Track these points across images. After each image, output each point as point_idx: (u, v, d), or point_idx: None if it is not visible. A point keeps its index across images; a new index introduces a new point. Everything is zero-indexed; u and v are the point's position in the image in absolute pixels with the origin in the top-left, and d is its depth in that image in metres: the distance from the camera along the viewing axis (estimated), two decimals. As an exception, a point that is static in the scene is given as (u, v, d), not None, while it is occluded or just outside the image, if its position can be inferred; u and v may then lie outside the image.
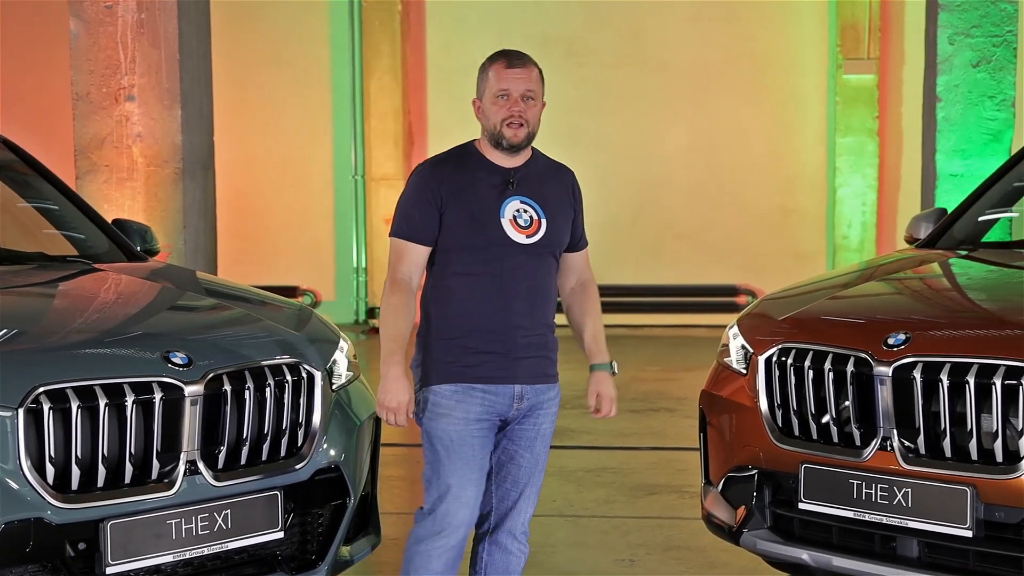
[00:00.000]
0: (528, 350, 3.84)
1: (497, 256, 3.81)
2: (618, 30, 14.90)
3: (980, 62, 7.42)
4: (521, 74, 3.83)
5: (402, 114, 15.17)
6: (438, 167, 3.90)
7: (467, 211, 3.81)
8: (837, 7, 14.45)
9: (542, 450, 3.96)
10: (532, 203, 3.86)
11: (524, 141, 3.84)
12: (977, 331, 4.09)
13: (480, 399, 3.82)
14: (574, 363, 12.40)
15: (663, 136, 14.84)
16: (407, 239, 3.87)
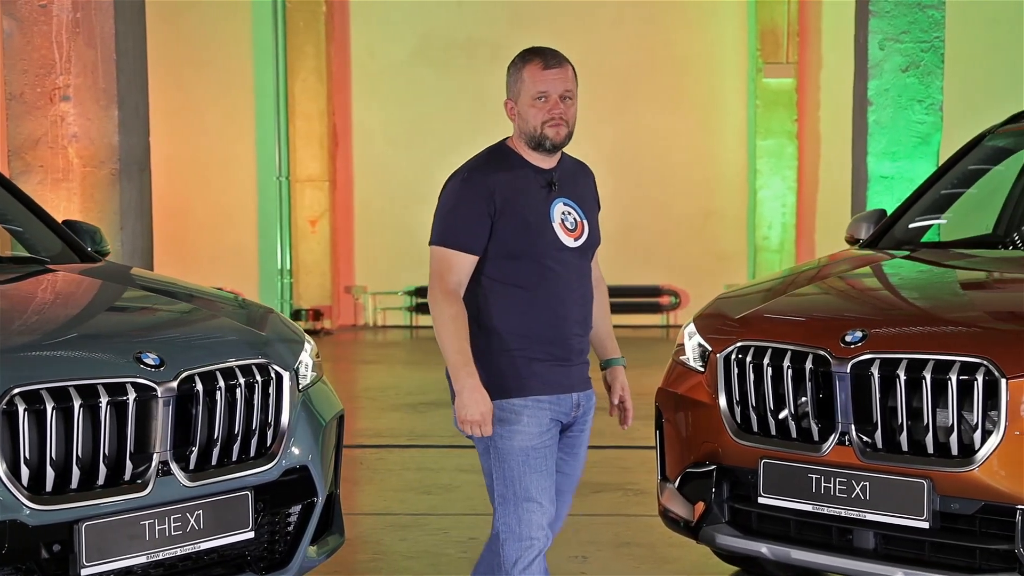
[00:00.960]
0: (580, 356, 3.79)
1: (553, 261, 3.69)
2: (541, 33, 14.91)
3: (909, 67, 7.62)
4: (558, 75, 3.68)
5: (327, 115, 15.15)
6: (489, 173, 3.68)
7: (522, 217, 3.67)
8: (757, 12, 14.69)
9: (583, 454, 3.93)
10: (573, 205, 3.78)
11: (565, 140, 3.71)
12: (931, 328, 4.22)
13: (548, 410, 3.70)
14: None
15: (586, 139, 14.87)
16: (456, 248, 3.66)
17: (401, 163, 15.18)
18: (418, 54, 15.17)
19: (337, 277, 15.35)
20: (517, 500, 3.73)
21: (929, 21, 7.62)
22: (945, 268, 5.09)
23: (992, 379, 3.90)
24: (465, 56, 15.15)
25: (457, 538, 5.80)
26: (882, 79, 7.64)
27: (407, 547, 5.67)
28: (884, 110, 7.62)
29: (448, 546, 5.69)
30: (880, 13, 7.61)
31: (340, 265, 15.39)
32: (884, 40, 7.63)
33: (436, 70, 15.14)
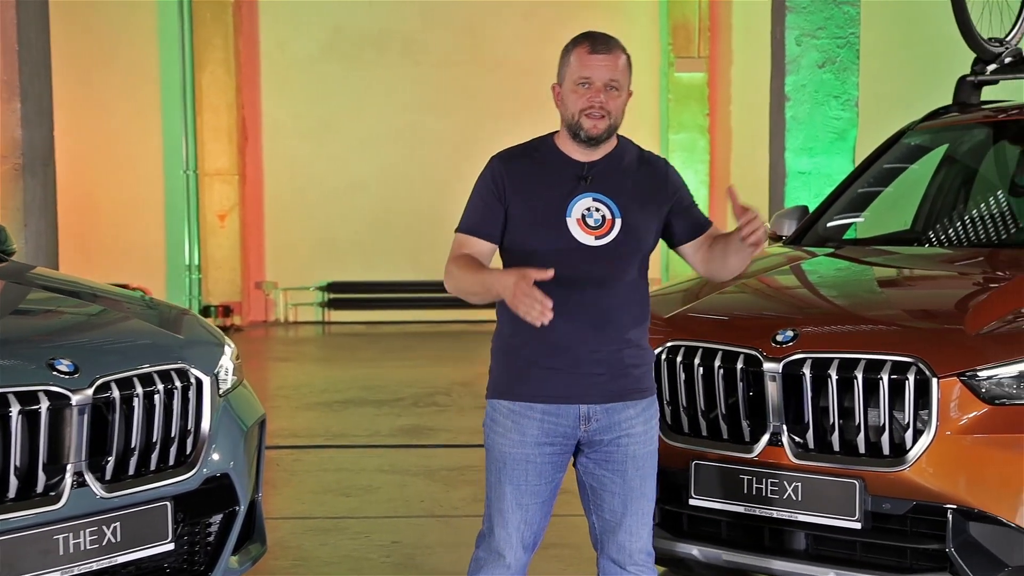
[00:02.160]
0: (599, 366, 3.43)
1: (562, 260, 3.37)
2: (454, 28, 14.90)
3: (825, 63, 7.64)
4: (605, 61, 3.41)
5: (236, 108, 14.88)
6: (506, 159, 3.51)
7: (530, 208, 3.44)
8: (668, 7, 14.72)
9: (636, 475, 3.51)
10: (607, 200, 3.44)
11: (604, 134, 3.43)
12: (862, 327, 4.20)
13: (539, 421, 3.44)
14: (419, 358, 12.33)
15: (500, 134, 14.75)
16: (467, 232, 3.49)
17: (312, 157, 14.97)
18: (329, 48, 14.97)
19: (247, 272, 15.11)
20: (491, 507, 3.58)
21: (845, 17, 7.65)
22: (872, 266, 5.09)
23: (923, 378, 3.89)
24: (376, 50, 14.99)
25: (379, 542, 5.69)
26: (799, 75, 7.65)
27: (328, 552, 5.55)
28: (801, 106, 7.64)
29: (370, 550, 5.58)
30: (797, 9, 7.62)
31: (250, 260, 15.15)
32: (801, 36, 7.64)
33: (347, 64, 14.96)
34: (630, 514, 3.55)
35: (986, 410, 3.86)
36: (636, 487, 3.54)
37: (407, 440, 7.97)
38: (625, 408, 3.50)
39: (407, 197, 14.86)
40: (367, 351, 12.67)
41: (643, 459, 3.54)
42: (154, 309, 4.45)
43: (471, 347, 12.72)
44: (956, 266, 4.96)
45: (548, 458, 3.50)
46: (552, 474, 3.53)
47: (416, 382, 10.25)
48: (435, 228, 15.18)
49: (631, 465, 3.52)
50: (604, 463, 3.53)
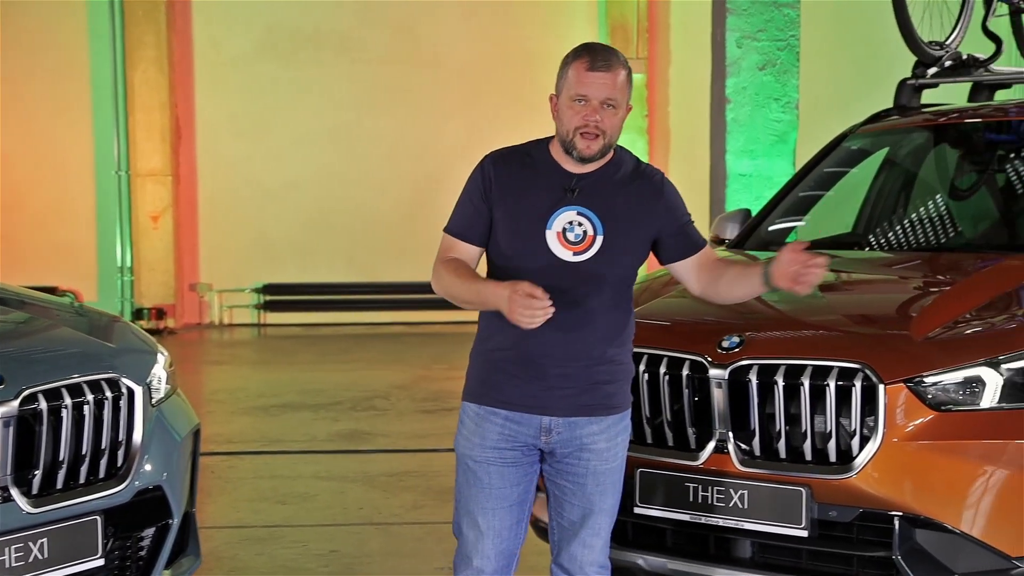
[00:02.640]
0: (564, 380, 3.37)
1: (537, 272, 3.29)
2: (391, 26, 14.78)
3: (766, 65, 7.63)
4: (604, 79, 3.30)
5: (169, 107, 14.67)
6: (498, 161, 3.43)
7: (512, 216, 3.37)
8: (607, 8, 14.71)
9: (595, 489, 3.46)
10: (592, 215, 3.35)
11: (597, 154, 3.35)
12: (808, 333, 4.16)
13: (500, 427, 3.41)
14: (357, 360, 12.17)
15: (437, 133, 14.80)
16: (451, 234, 3.45)
17: (247, 157, 14.79)
18: (264, 46, 14.79)
19: (181, 274, 14.88)
20: (458, 510, 3.54)
21: (785, 20, 7.65)
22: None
23: (870, 384, 3.85)
24: (312, 49, 14.83)
25: (317, 551, 5.58)
26: (740, 77, 7.63)
27: (264, 562, 5.43)
28: (742, 108, 7.62)
29: (308, 560, 5.46)
30: (737, 11, 7.60)
31: (184, 262, 14.93)
32: (741, 38, 7.62)
33: (282, 63, 14.79)
34: (586, 527, 3.51)
35: (932, 416, 3.83)
36: (595, 501, 3.49)
37: (345, 445, 7.86)
38: (588, 423, 3.44)
39: (344, 197, 14.73)
40: (304, 354, 12.52)
41: (604, 475, 3.48)
42: (84, 316, 4.31)
43: (409, 350, 12.62)
44: (899, 270, 4.95)
45: (509, 463, 3.46)
46: (517, 479, 3.48)
47: (354, 386, 10.13)
48: (372, 228, 15.10)
49: (591, 480, 3.47)
50: (565, 474, 3.49)
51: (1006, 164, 5.47)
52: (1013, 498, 3.80)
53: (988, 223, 5.39)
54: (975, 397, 3.84)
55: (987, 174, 5.51)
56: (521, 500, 3.52)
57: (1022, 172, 5.40)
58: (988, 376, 3.84)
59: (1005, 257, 4.75)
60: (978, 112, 5.82)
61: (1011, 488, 3.79)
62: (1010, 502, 3.80)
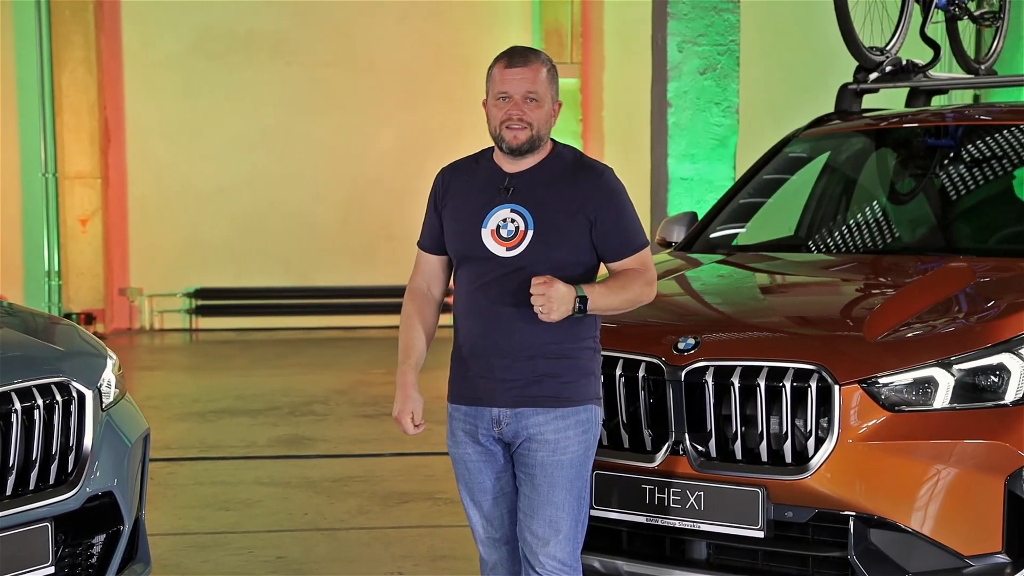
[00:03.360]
0: (509, 372, 3.49)
1: (478, 269, 3.52)
2: (326, 29, 14.68)
3: (707, 70, 7.67)
4: (523, 74, 3.46)
5: (98, 109, 14.44)
6: (447, 171, 3.68)
7: (455, 220, 3.58)
8: (541, 12, 14.71)
9: (544, 481, 3.50)
10: (523, 211, 3.49)
11: (526, 144, 3.48)
12: (763, 334, 4.19)
13: (462, 422, 3.61)
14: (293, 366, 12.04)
15: (373, 137, 14.73)
16: (420, 247, 3.73)
17: (178, 159, 14.60)
18: (195, 47, 14.61)
19: (111, 278, 14.66)
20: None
21: (725, 24, 7.70)
22: (766, 273, 5.09)
23: (825, 385, 3.89)
24: (245, 51, 14.68)
25: (264, 557, 5.52)
26: (681, 81, 7.67)
27: (210, 569, 5.36)
28: (683, 112, 7.66)
29: (255, 567, 5.40)
30: (678, 16, 7.64)
31: (114, 266, 14.71)
32: (682, 43, 7.67)
33: (215, 64, 14.62)
34: (537, 519, 3.55)
35: (886, 417, 3.87)
36: (543, 493, 3.54)
37: (285, 451, 7.78)
38: (534, 414, 3.52)
39: (278, 201, 14.59)
40: (239, 359, 12.39)
41: (553, 467, 3.52)
42: (15, 316, 4.22)
43: (345, 355, 12.54)
44: (845, 273, 4.99)
45: (480, 456, 3.61)
46: (491, 471, 3.62)
47: (291, 391, 10.04)
48: (307, 232, 14.98)
49: (539, 471, 3.54)
50: (519, 465, 3.60)
51: (947, 168, 5.55)
52: (965, 497, 3.85)
53: (930, 226, 5.46)
54: (928, 398, 3.89)
55: (928, 178, 5.58)
56: (505, 491, 3.65)
57: (964, 176, 5.48)
58: (940, 377, 3.89)
59: (950, 259, 4.81)
60: (918, 117, 5.90)
61: (963, 487, 3.84)
62: (962, 501, 3.85)
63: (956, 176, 5.55)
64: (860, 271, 5.06)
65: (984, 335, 3.97)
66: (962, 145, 5.60)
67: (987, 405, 3.88)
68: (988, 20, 6.94)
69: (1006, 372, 3.89)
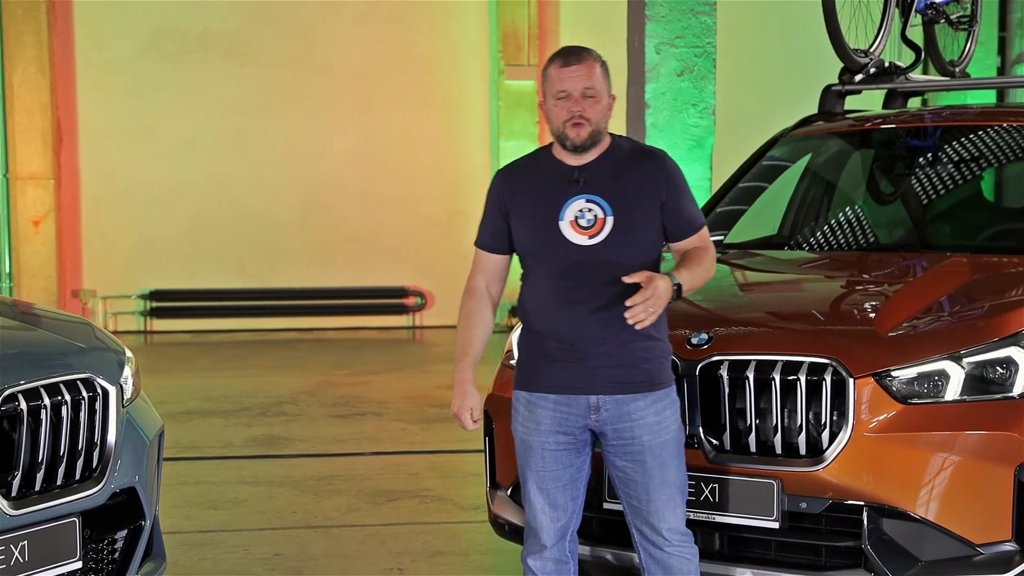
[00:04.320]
0: (606, 359, 3.60)
1: (560, 261, 3.62)
2: (283, 29, 14.62)
3: (684, 71, 7.75)
4: (579, 71, 3.61)
5: (50, 109, 14.27)
6: (506, 172, 3.80)
7: (528, 216, 3.68)
8: (498, 14, 14.75)
9: (654, 463, 3.64)
10: (600, 200, 3.62)
11: (588, 140, 3.62)
12: (775, 329, 4.26)
13: (551, 411, 3.66)
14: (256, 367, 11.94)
15: (330, 138, 14.68)
16: (479, 247, 3.82)
17: (133, 160, 14.46)
18: (149, 47, 14.49)
19: (64, 280, 14.49)
20: (522, 490, 3.78)
21: (702, 27, 7.78)
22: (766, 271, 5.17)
23: (839, 379, 3.96)
24: (201, 50, 14.58)
25: (260, 555, 5.51)
26: (658, 83, 7.74)
27: (209, 567, 5.35)
28: (661, 113, 7.73)
29: (253, 564, 5.39)
30: (656, 18, 7.70)
31: (67, 268, 14.54)
32: (660, 44, 7.73)
33: (169, 64, 14.50)
34: (655, 500, 3.67)
35: (899, 409, 3.96)
36: (656, 475, 3.66)
37: (264, 451, 7.76)
38: (634, 400, 3.63)
39: (234, 202, 14.51)
40: (199, 361, 12.31)
41: (660, 448, 3.65)
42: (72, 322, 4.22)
43: (306, 356, 12.50)
44: (849, 270, 5.08)
45: (562, 446, 3.67)
46: (570, 460, 3.70)
47: (258, 392, 9.99)
48: (263, 234, 14.89)
49: (649, 455, 3.65)
50: (623, 454, 3.67)
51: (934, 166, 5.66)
52: (976, 487, 3.94)
53: (926, 223, 5.58)
54: (939, 390, 3.98)
55: (917, 176, 5.69)
56: (574, 479, 3.73)
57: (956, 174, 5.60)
58: (951, 370, 3.98)
59: (947, 256, 4.92)
60: (901, 118, 6.02)
61: (973, 478, 3.94)
62: (973, 491, 3.94)
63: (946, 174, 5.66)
64: (860, 268, 5.13)
65: (991, 329, 4.06)
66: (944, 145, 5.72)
67: (995, 397, 3.97)
68: (963, 24, 7.09)
69: (1013, 365, 3.99)
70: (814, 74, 7.97)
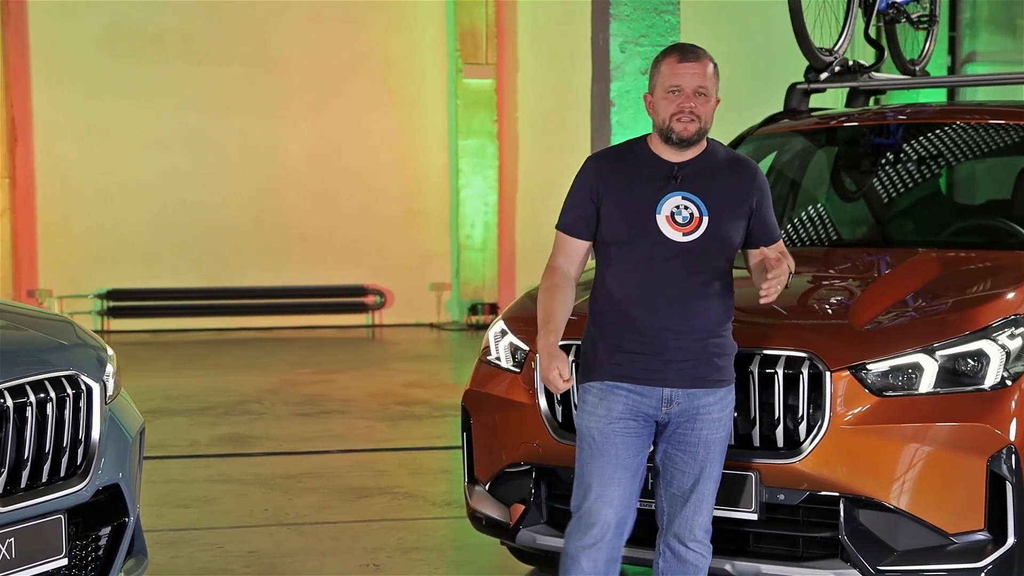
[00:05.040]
0: (682, 353, 3.66)
1: (650, 253, 3.66)
2: (237, 28, 14.56)
3: (648, 70, 7.79)
4: (694, 68, 3.66)
5: (4, 107, 14.14)
6: (600, 160, 3.81)
7: (622, 205, 3.69)
8: (456, 13, 14.77)
9: (706, 456, 3.73)
10: (696, 199, 3.67)
11: (695, 136, 3.67)
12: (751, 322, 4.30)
13: (624, 398, 3.68)
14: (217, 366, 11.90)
15: (286, 137, 14.65)
16: (563, 231, 3.80)
17: (88, 159, 14.36)
18: (104, 45, 14.38)
19: (19, 280, 14.36)
20: (582, 484, 3.75)
21: (666, 26, 7.86)
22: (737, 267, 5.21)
23: (816, 372, 4.03)
24: (156, 49, 14.49)
25: (235, 552, 5.51)
26: (624, 81, 7.81)
27: (183, 564, 5.34)
28: (626, 111, 7.80)
29: (228, 561, 5.39)
30: (621, 17, 7.77)
31: (22, 267, 14.42)
32: (624, 43, 7.80)
33: (125, 62, 14.40)
34: (696, 492, 3.75)
35: (874, 402, 4.03)
36: (705, 468, 3.74)
37: (231, 449, 7.74)
38: (706, 395, 3.70)
39: (191, 201, 14.43)
40: (159, 360, 12.23)
41: (715, 443, 3.74)
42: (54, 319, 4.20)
43: (267, 355, 12.47)
44: (822, 265, 5.15)
45: (632, 434, 3.70)
46: (637, 448, 3.72)
47: (221, 391, 9.96)
48: (220, 233, 14.83)
49: (703, 448, 3.73)
50: (678, 444, 3.73)
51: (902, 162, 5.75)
52: (949, 478, 4.02)
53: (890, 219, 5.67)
54: (913, 383, 4.06)
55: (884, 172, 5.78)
56: (636, 471, 3.75)
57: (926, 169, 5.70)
58: (925, 363, 4.06)
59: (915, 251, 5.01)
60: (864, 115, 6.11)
61: (947, 468, 4.02)
62: (946, 482, 4.02)
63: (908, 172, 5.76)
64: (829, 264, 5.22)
65: (963, 323, 4.15)
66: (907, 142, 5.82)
67: (968, 389, 4.05)
68: (923, 23, 7.20)
69: (985, 358, 4.07)
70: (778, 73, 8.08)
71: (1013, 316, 4.16)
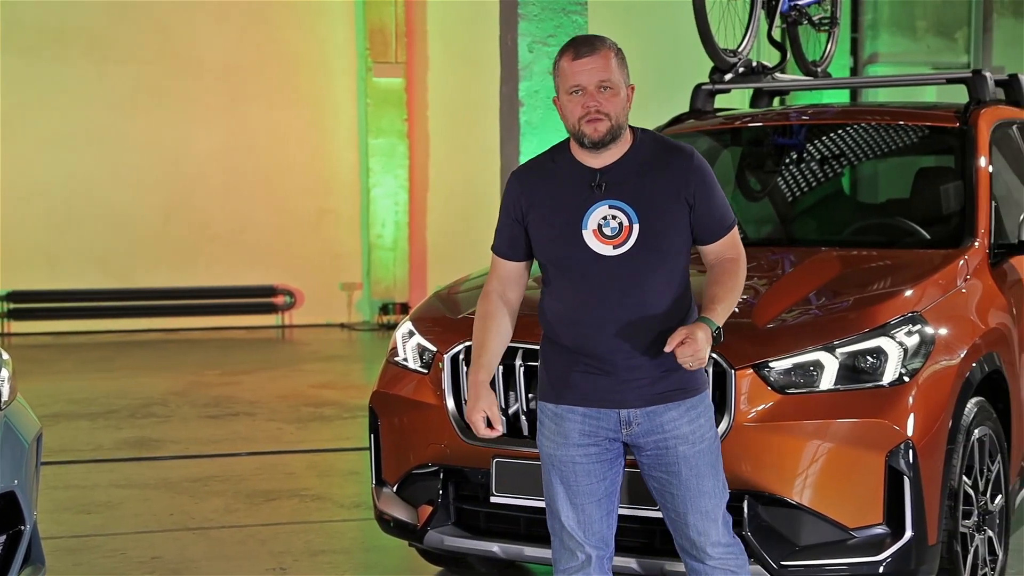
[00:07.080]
0: (637, 372, 3.41)
1: (584, 272, 3.39)
2: (143, 26, 14.36)
3: (555, 70, 7.82)
4: (592, 63, 3.34)
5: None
6: (522, 176, 3.52)
7: (547, 223, 3.44)
8: (365, 11, 14.71)
9: (690, 475, 3.46)
10: (623, 206, 3.38)
11: (607, 136, 3.36)
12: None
13: (580, 424, 3.46)
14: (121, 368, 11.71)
15: (194, 136, 14.48)
16: (495, 252, 3.59)
17: (-11, 160, 14.09)
18: (4, 41, 14.10)
19: (-84, 282, 14.05)
20: (550, 504, 3.58)
21: (574, 26, 7.86)
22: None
23: (720, 370, 4.06)
24: (58, 46, 14.22)
25: (138, 559, 5.42)
26: (532, 80, 7.81)
27: (85, 571, 5.25)
28: (535, 111, 7.79)
29: (130, 567, 5.31)
30: (528, 16, 7.77)
31: (-81, 269, 14.10)
32: (533, 43, 7.80)
33: (25, 60, 14.11)
34: (692, 512, 3.51)
35: (777, 399, 4.07)
36: (693, 487, 3.49)
37: (136, 453, 7.63)
38: (667, 410, 3.46)
39: (96, 201, 14.20)
40: (61, 363, 12.01)
41: (695, 458, 3.48)
42: None
43: (174, 356, 12.31)
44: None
45: (593, 458, 3.50)
46: (603, 473, 3.52)
47: (126, 393, 9.81)
48: (126, 233, 14.60)
49: (684, 466, 3.48)
50: (658, 465, 3.51)
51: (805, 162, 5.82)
52: (849, 473, 4.08)
53: (793, 218, 5.74)
54: (814, 380, 4.11)
55: (787, 172, 5.84)
56: (609, 493, 3.55)
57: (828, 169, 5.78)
58: (826, 360, 4.11)
59: (818, 250, 5.08)
60: (768, 116, 6.18)
61: (847, 464, 4.08)
62: (847, 477, 4.08)
63: (811, 171, 5.83)
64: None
65: (863, 320, 4.21)
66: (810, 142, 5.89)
67: (867, 386, 4.12)
68: (825, 26, 7.29)
69: (883, 355, 4.14)
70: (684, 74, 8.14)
71: (911, 313, 4.24)
